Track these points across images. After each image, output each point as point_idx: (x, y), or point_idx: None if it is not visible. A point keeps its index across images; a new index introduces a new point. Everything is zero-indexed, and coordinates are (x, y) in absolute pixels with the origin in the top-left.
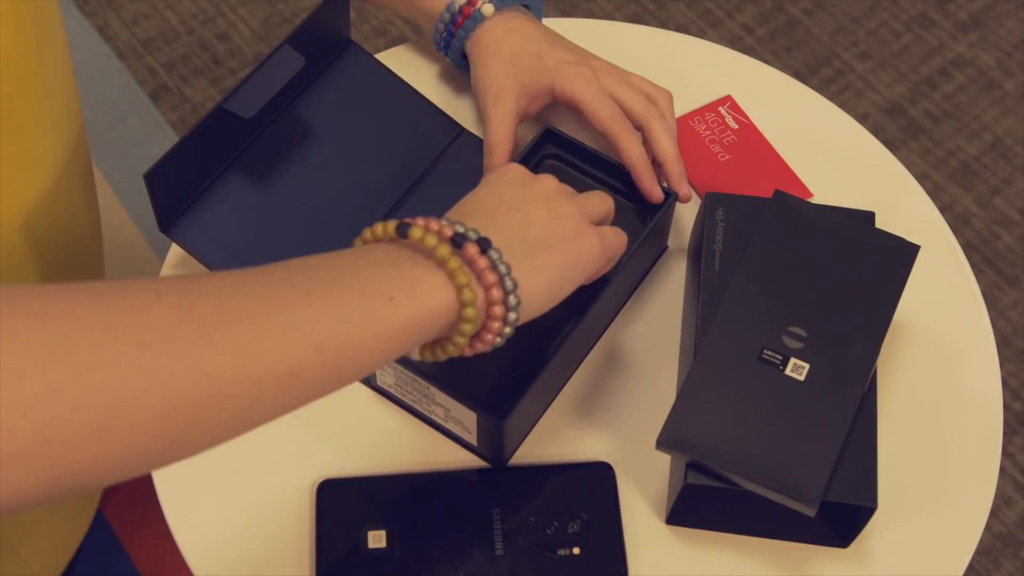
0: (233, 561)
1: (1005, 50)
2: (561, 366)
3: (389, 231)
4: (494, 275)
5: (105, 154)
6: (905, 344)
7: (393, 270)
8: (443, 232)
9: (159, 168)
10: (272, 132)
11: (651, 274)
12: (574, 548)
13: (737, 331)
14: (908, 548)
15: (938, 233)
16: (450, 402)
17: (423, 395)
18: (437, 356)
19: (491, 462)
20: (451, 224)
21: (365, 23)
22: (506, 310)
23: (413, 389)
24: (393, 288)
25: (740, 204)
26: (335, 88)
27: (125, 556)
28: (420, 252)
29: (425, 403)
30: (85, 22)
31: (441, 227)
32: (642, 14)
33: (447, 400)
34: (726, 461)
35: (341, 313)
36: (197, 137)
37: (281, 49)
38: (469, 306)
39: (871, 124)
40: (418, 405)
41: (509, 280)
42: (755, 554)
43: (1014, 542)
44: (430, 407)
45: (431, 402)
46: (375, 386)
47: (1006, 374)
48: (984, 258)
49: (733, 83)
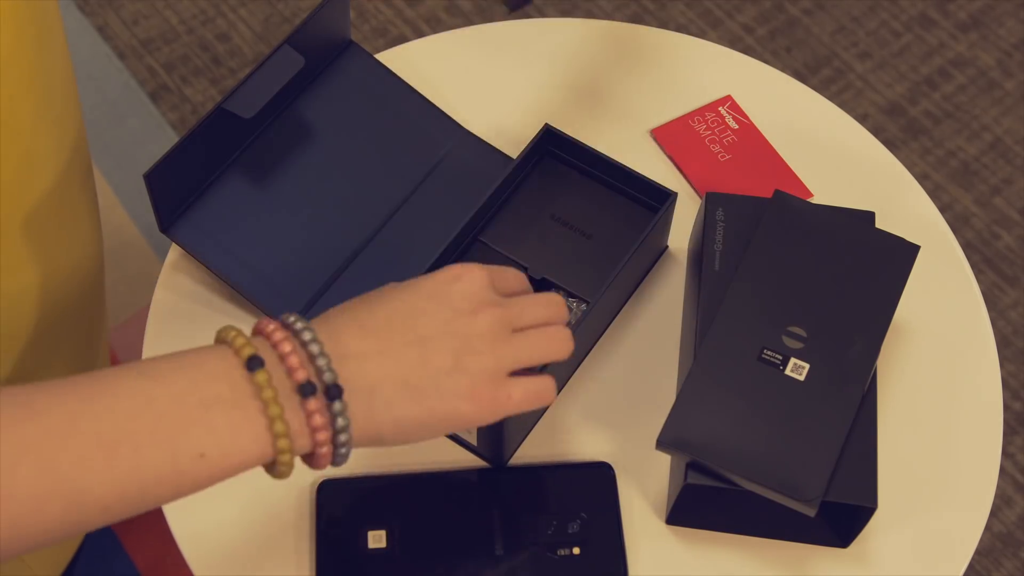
0: (233, 561)
1: (1005, 50)
2: (561, 366)
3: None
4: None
5: (105, 154)
6: (905, 344)
7: (219, 418)
8: (296, 375)
9: (159, 168)
10: (272, 132)
11: (651, 274)
12: (574, 548)
13: (737, 331)
14: (908, 548)
15: (938, 233)
16: None
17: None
18: None
19: (491, 462)
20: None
21: (365, 23)
22: (334, 449)
23: None
24: (208, 443)
25: (740, 204)
26: (335, 88)
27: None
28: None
29: None
30: (85, 22)
31: (295, 368)
32: (642, 14)
33: None
34: (726, 461)
35: (142, 474)
36: (197, 137)
37: (281, 49)
38: (285, 453)
39: (871, 124)
40: None
41: (344, 436)
42: (755, 554)
43: (1014, 542)
44: None
45: None
46: None
47: (1006, 374)
48: (984, 258)
49: (733, 83)
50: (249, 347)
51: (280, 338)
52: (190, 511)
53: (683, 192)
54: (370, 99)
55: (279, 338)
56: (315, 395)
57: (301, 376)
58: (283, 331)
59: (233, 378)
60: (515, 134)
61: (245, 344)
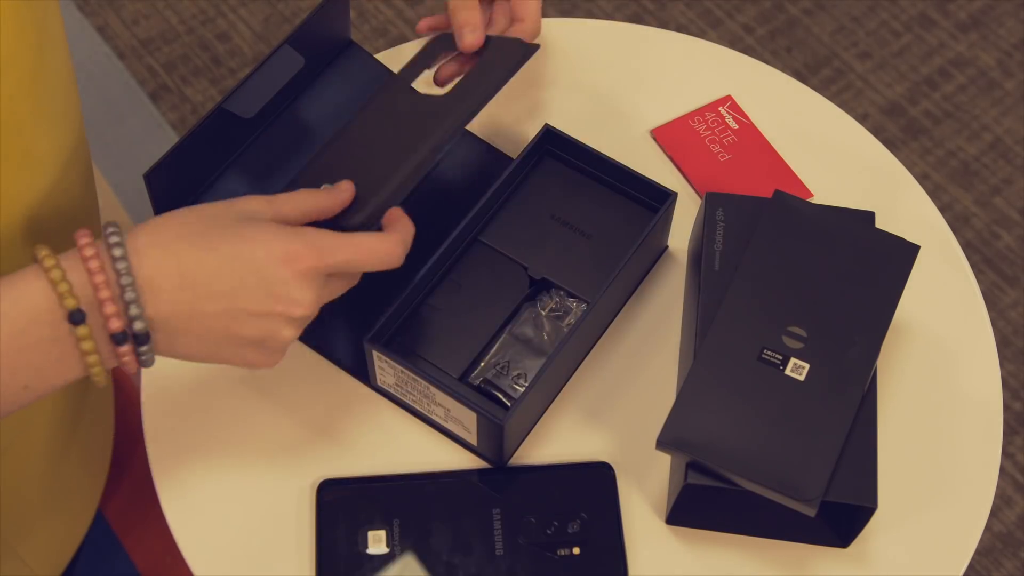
0: (233, 561)
1: (1005, 50)
2: (561, 366)
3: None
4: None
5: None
6: (905, 344)
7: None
8: (111, 324)
9: (159, 168)
10: (272, 132)
11: (651, 274)
12: (574, 548)
13: (737, 331)
14: (908, 548)
15: (938, 233)
16: (450, 402)
17: (423, 395)
18: None
19: (491, 462)
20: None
21: (365, 23)
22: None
23: (413, 389)
24: (31, 377)
25: (740, 204)
26: (335, 88)
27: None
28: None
29: (425, 403)
30: (85, 22)
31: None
32: (642, 14)
33: (447, 400)
34: (726, 461)
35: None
36: (197, 137)
37: (281, 49)
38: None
39: (871, 124)
40: (418, 405)
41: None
42: (755, 554)
43: (1014, 542)
44: (430, 407)
45: (431, 402)
46: (375, 386)
47: (1006, 374)
48: (984, 258)
49: (733, 83)
50: (71, 299)
51: (100, 281)
52: (190, 511)
53: (683, 192)
54: None
55: (99, 281)
56: (126, 342)
57: (116, 326)
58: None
59: (54, 322)
60: (515, 134)
61: (67, 294)
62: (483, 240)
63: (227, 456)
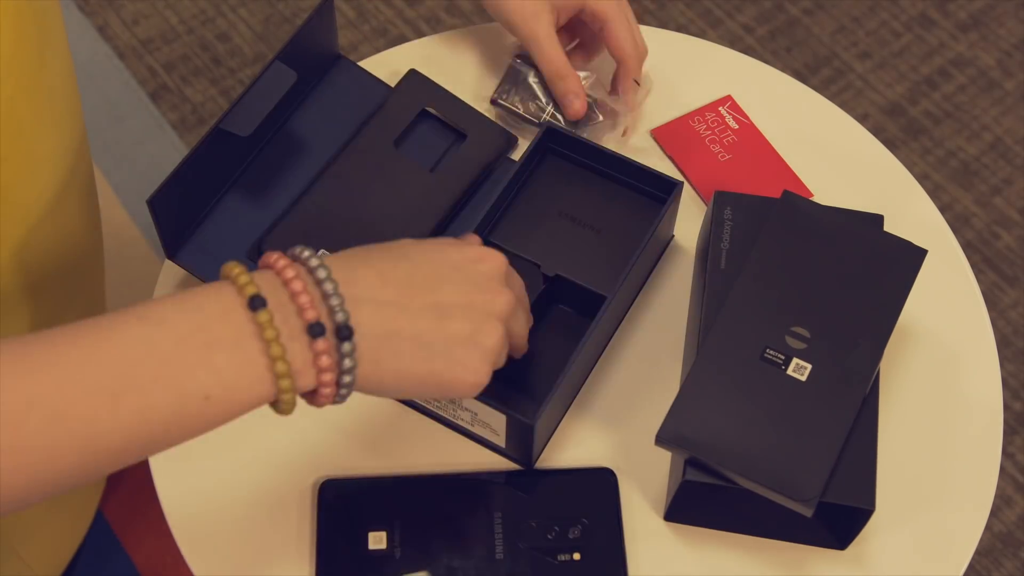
0: (233, 561)
1: (1005, 50)
2: (581, 367)
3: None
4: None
5: (105, 154)
6: (905, 344)
7: (221, 360)
8: (306, 314)
9: (162, 193)
10: (269, 149)
11: (658, 274)
12: (575, 553)
13: (740, 330)
14: (908, 548)
15: (938, 233)
16: (478, 406)
17: (448, 400)
18: None
19: (520, 463)
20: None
21: (365, 23)
22: (337, 390)
23: None
24: (213, 385)
25: (748, 203)
26: (326, 103)
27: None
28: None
29: (450, 408)
30: (85, 22)
31: (305, 307)
32: (642, 14)
33: (475, 404)
34: (725, 458)
35: (150, 420)
36: (196, 159)
37: (273, 65)
38: (287, 392)
39: (871, 124)
40: (442, 410)
41: (348, 377)
42: (754, 554)
43: (1014, 542)
44: (456, 412)
45: (457, 407)
46: None
47: (1006, 374)
48: (984, 258)
49: (733, 83)
50: (252, 286)
51: (292, 275)
52: (190, 511)
53: (683, 192)
54: (363, 110)
55: (291, 275)
56: (324, 336)
57: (311, 316)
58: (295, 267)
59: (235, 318)
60: None
61: (248, 283)
62: (494, 241)
63: (227, 456)
